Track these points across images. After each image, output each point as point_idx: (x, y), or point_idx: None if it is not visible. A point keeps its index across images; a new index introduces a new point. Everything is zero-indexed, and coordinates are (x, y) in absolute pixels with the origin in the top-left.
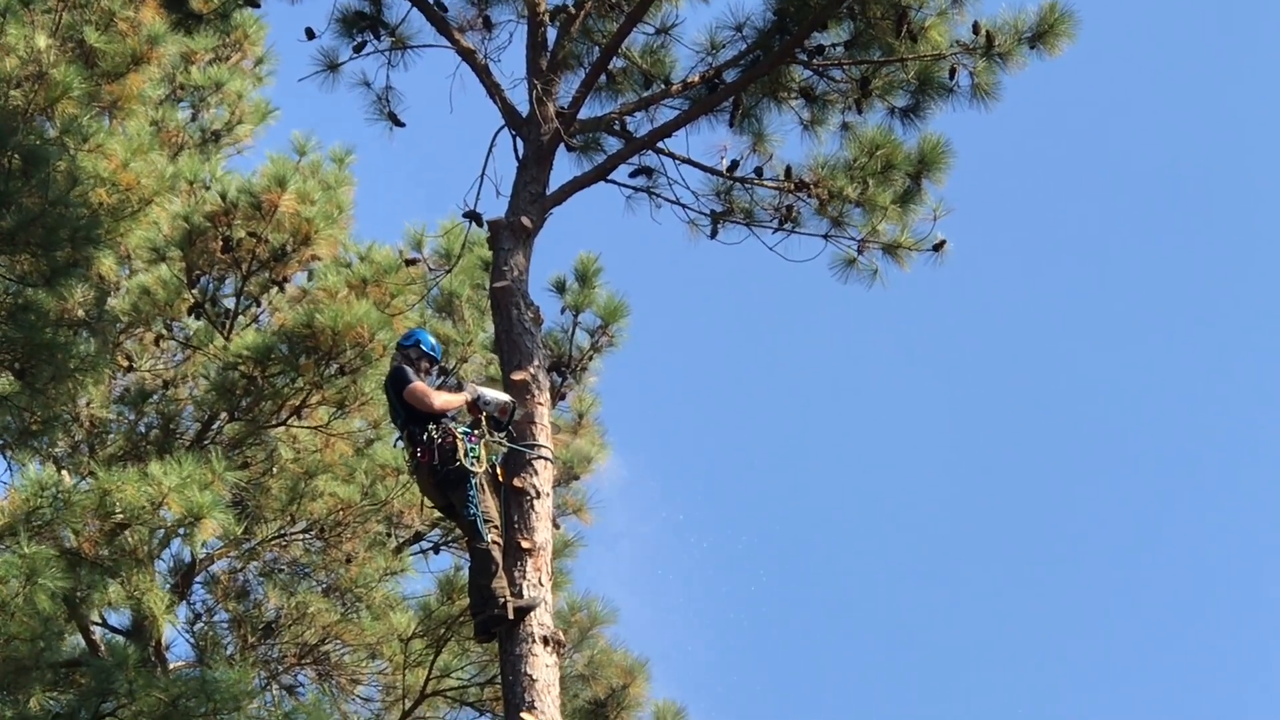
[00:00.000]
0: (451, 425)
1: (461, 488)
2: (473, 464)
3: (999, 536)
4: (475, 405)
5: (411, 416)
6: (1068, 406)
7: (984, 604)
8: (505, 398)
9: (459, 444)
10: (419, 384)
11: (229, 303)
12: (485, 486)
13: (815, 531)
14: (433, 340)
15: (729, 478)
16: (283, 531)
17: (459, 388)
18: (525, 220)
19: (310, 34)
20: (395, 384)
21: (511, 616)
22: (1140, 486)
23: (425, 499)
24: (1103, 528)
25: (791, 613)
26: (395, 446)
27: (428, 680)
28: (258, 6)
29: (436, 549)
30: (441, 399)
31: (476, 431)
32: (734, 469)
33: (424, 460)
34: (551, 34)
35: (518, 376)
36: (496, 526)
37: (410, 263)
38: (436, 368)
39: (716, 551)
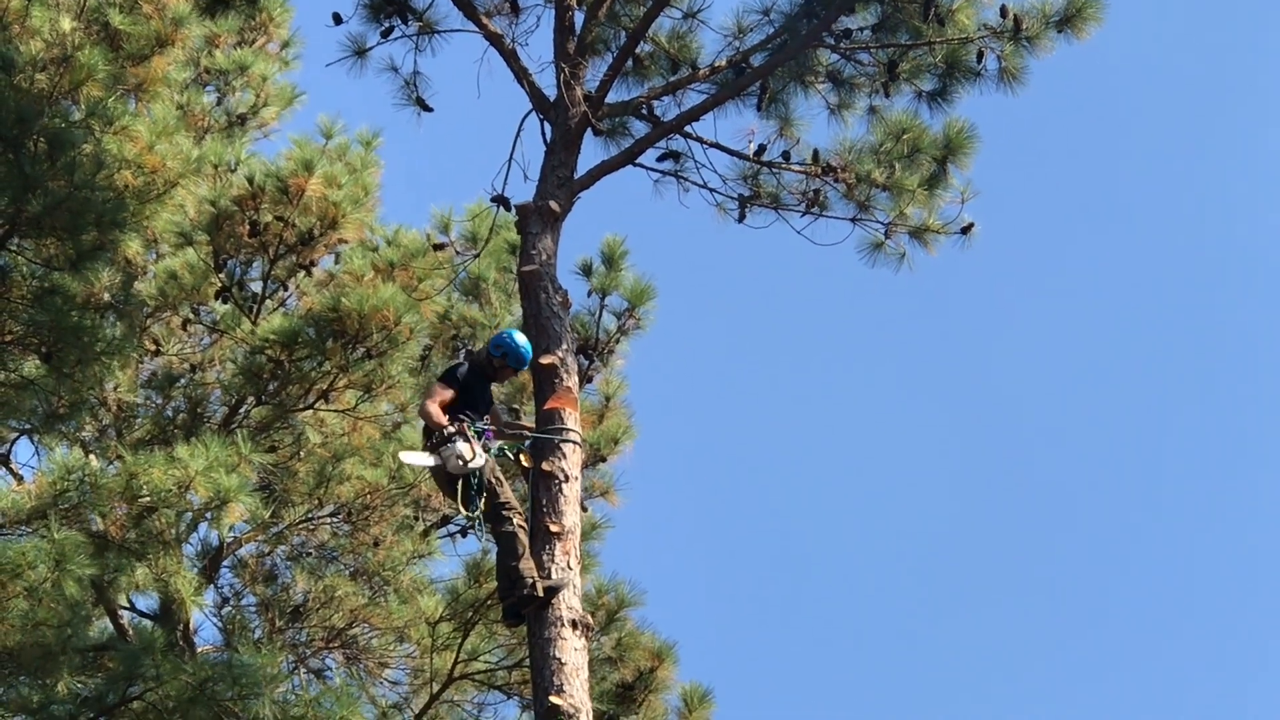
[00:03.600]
0: (465, 425)
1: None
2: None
3: (1020, 534)
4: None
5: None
6: (1082, 403)
7: (1000, 603)
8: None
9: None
10: (425, 403)
11: (256, 287)
12: (501, 479)
13: (831, 519)
14: (516, 343)
15: (751, 463)
16: (310, 515)
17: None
18: (553, 204)
19: (337, 19)
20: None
21: (540, 595)
22: (1141, 485)
23: (442, 492)
24: (1107, 527)
25: (805, 606)
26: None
27: (455, 663)
28: None
29: (464, 532)
30: (430, 418)
31: (493, 428)
32: (756, 454)
33: None
34: (579, 18)
35: (547, 360)
36: (519, 511)
37: (438, 247)
38: (464, 351)
39: (731, 539)
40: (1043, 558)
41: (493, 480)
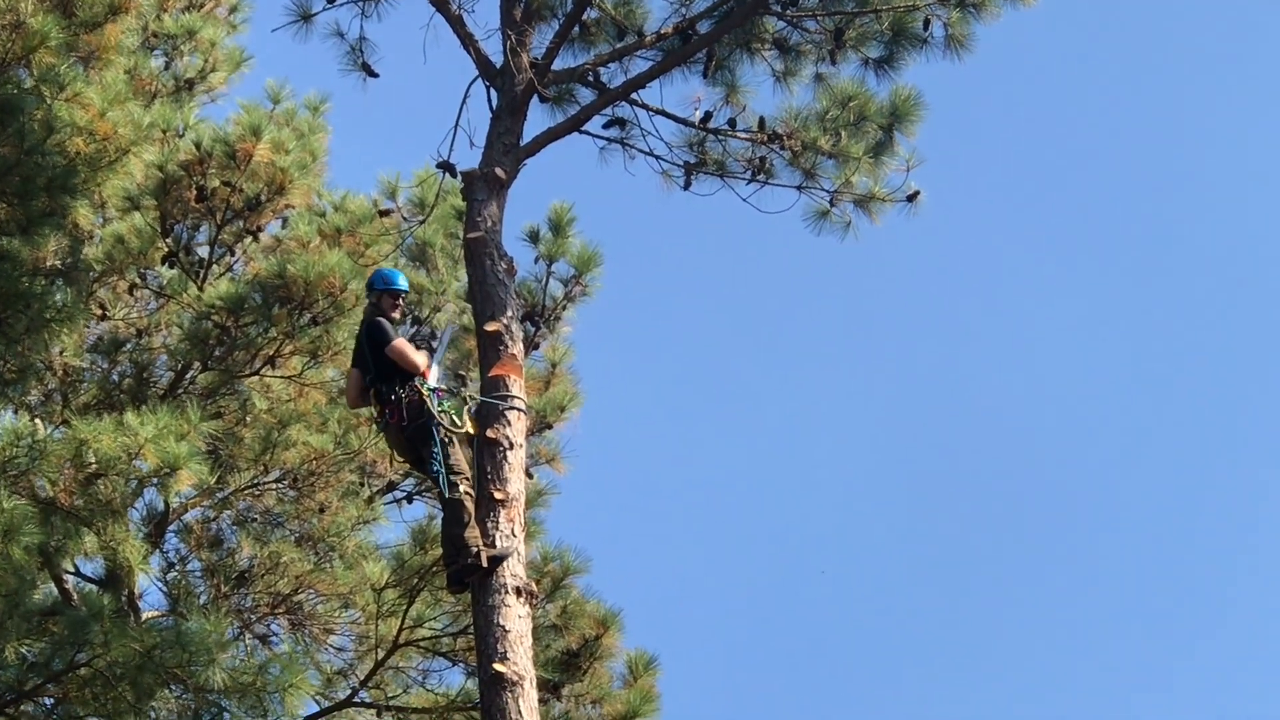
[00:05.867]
0: (418, 382)
1: (429, 443)
2: (439, 419)
3: (993, 528)
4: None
5: (381, 372)
6: (1048, 388)
7: (972, 602)
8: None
9: (426, 400)
10: (400, 341)
11: (203, 252)
12: (454, 439)
13: (778, 486)
14: (400, 280)
15: (697, 430)
16: (256, 481)
17: (432, 337)
18: (499, 171)
19: None
20: (372, 338)
21: (485, 565)
22: (1135, 479)
23: (395, 454)
24: (1103, 524)
25: (750, 574)
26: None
27: (400, 630)
28: None
29: (410, 498)
30: (421, 360)
31: (444, 387)
32: (703, 421)
33: (393, 420)
34: None
35: (491, 327)
36: (467, 478)
37: (384, 213)
38: (410, 316)
39: (677, 507)
40: (1008, 546)
41: (445, 440)
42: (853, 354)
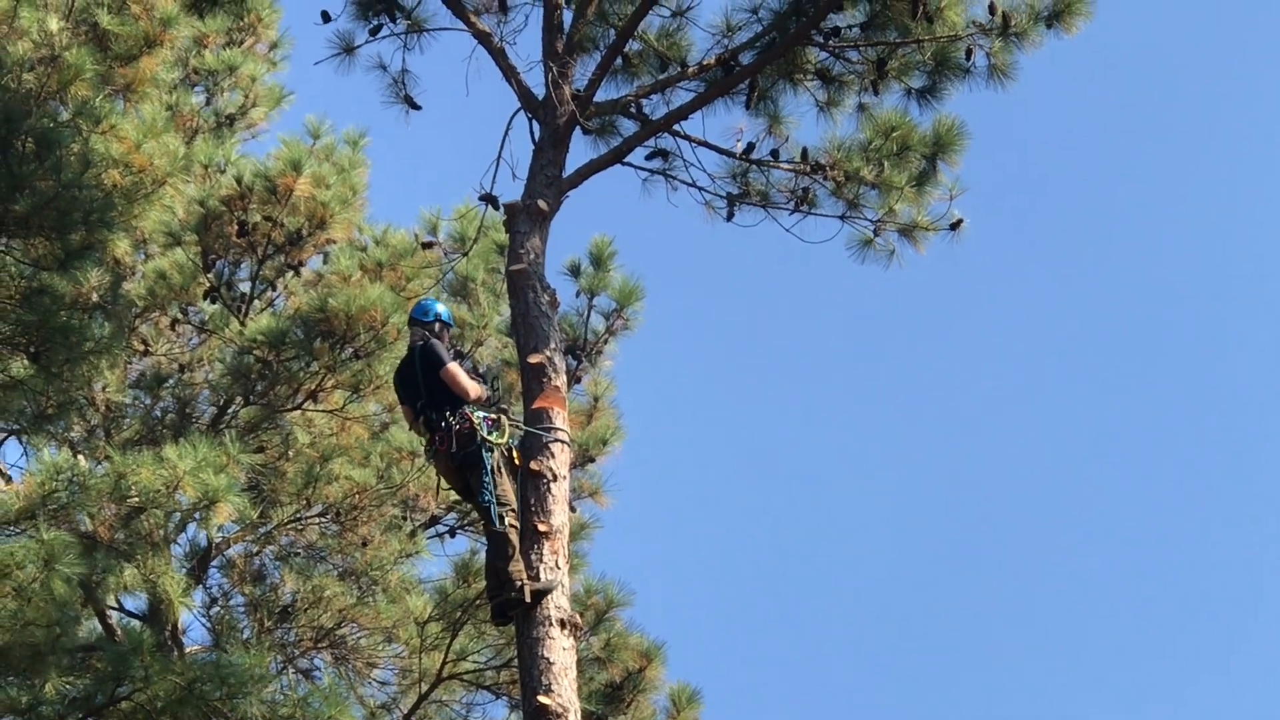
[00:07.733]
0: (468, 410)
1: (478, 471)
2: (490, 446)
3: (1011, 532)
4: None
5: (433, 399)
6: (1072, 402)
7: (997, 603)
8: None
9: (476, 428)
10: (454, 365)
11: (244, 287)
12: (503, 470)
13: (820, 518)
14: (441, 308)
15: (740, 463)
16: (298, 515)
17: (475, 370)
18: (541, 203)
19: (326, 17)
20: (428, 362)
21: (528, 599)
22: (1143, 481)
23: (443, 481)
24: (1107, 525)
25: (794, 606)
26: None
27: (444, 663)
28: None
29: (453, 532)
30: (476, 387)
31: (493, 415)
32: (745, 455)
33: (442, 449)
34: (567, 16)
35: (534, 359)
36: (514, 510)
37: (426, 246)
38: (454, 349)
39: (719, 540)
40: (1036, 556)
41: (495, 469)
42: (899, 385)
